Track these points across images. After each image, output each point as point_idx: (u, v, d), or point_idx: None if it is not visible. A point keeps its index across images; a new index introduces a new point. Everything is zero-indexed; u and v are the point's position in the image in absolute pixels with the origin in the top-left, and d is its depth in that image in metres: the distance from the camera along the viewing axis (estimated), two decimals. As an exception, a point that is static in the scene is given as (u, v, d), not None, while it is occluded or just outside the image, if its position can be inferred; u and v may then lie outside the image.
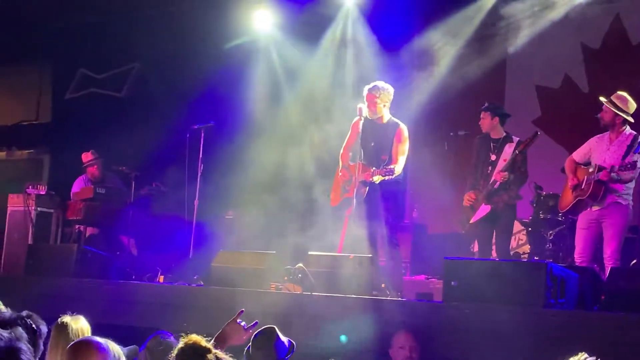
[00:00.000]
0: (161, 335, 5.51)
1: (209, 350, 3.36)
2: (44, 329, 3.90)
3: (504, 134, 8.71)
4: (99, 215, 10.84)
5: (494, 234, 8.74)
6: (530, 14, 10.52)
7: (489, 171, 8.61)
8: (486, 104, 8.86)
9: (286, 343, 4.57)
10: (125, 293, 8.41)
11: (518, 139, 8.62)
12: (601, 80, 10.56)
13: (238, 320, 4.23)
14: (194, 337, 3.42)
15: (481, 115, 8.79)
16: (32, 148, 15.06)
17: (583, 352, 3.43)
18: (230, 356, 3.55)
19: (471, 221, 8.67)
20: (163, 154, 11.68)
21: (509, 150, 8.53)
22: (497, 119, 8.70)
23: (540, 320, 6.08)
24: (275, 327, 4.65)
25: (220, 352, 3.41)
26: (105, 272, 9.24)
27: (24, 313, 4.00)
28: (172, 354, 3.61)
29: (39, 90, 15.07)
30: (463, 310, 6.36)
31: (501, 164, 8.51)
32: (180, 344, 3.43)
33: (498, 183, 8.45)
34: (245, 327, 4.23)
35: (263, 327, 4.53)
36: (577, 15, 10.26)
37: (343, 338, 5.34)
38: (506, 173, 8.39)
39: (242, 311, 4.28)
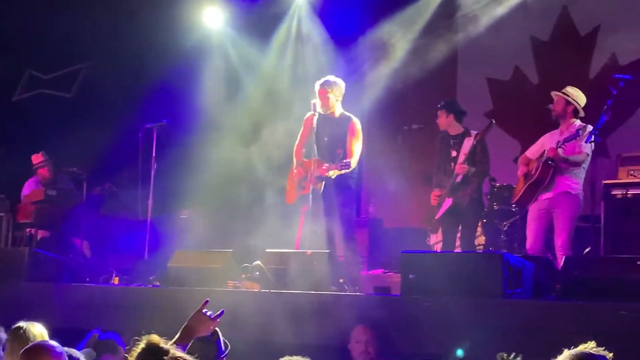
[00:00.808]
0: (99, 334, 5.49)
1: (166, 352, 3.31)
2: (2, 335, 3.82)
3: (462, 129, 8.81)
4: (50, 218, 10.69)
5: (460, 228, 8.81)
6: (481, 7, 10.60)
7: (451, 167, 8.70)
8: (442, 102, 8.95)
9: (223, 345, 4.48)
10: (80, 296, 8.29)
11: (476, 132, 8.70)
12: (551, 71, 10.70)
13: (204, 311, 4.16)
14: (153, 338, 3.36)
15: (438, 114, 8.86)
16: (-21, 151, 14.79)
17: (592, 342, 3.42)
18: (192, 356, 3.49)
19: (436, 217, 8.73)
20: (115, 154, 11.56)
21: (468, 144, 8.62)
22: (452, 115, 8.79)
23: (498, 311, 6.12)
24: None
25: (179, 352, 3.36)
26: (59, 275, 9.10)
27: None
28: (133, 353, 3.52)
29: (-16, 93, 14.80)
30: (421, 303, 6.39)
31: (462, 158, 8.58)
32: (140, 346, 3.37)
33: (460, 176, 8.52)
34: (212, 317, 4.16)
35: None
36: (527, 8, 10.36)
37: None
38: (466, 165, 8.47)
39: (207, 301, 4.21)
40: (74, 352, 4.19)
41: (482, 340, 5.95)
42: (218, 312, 4.20)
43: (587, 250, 8.43)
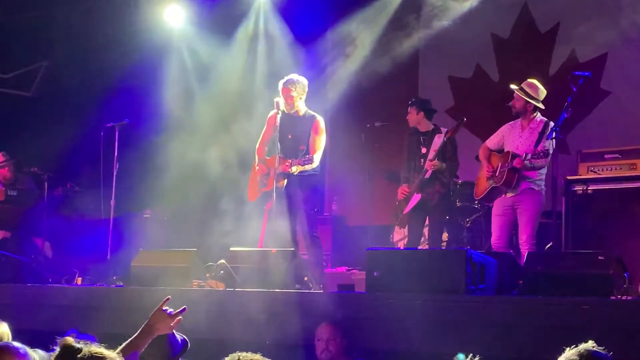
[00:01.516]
0: (76, 335, 5.42)
1: (79, 350, 3.30)
2: None
3: (432, 126, 8.92)
4: (11, 218, 10.59)
5: (428, 224, 8.88)
6: (442, 5, 10.66)
7: (421, 163, 8.77)
8: (412, 99, 9.05)
9: (179, 340, 4.43)
10: (42, 297, 8.21)
11: (446, 129, 8.78)
12: (511, 69, 10.77)
13: (164, 308, 4.11)
14: (67, 340, 3.35)
15: (408, 110, 8.95)
16: (-63, 151, 14.56)
17: (592, 341, 3.44)
18: (104, 346, 3.45)
19: (404, 212, 8.79)
20: (77, 153, 11.47)
21: (438, 141, 8.71)
22: (422, 113, 8.90)
23: (462, 307, 6.17)
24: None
25: (94, 348, 3.34)
26: (20, 276, 9.00)
27: None
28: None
29: (-58, 92, 14.58)
30: (386, 300, 6.41)
31: (432, 154, 8.66)
32: (58, 349, 3.36)
33: (429, 172, 8.60)
34: (171, 314, 4.11)
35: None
36: (487, 6, 10.44)
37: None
38: (436, 161, 8.54)
39: (169, 298, 4.16)
40: (41, 353, 4.16)
41: (448, 335, 6.00)
42: (179, 309, 4.15)
43: (549, 245, 8.52)
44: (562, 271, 6.47)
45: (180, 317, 4.14)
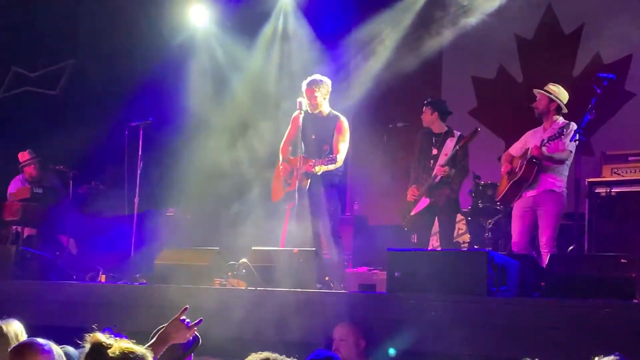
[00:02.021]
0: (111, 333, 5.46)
1: (109, 346, 3.33)
2: None
3: (446, 128, 8.88)
4: (36, 216, 10.69)
5: (438, 227, 8.88)
6: (466, 6, 10.65)
7: (430, 165, 8.76)
8: (428, 99, 9.01)
9: (194, 332, 4.47)
10: (66, 294, 8.28)
11: (459, 133, 8.77)
12: (535, 70, 10.75)
13: (181, 318, 4.17)
14: (96, 337, 3.37)
15: (423, 109, 8.93)
16: (-35, 149, 14.73)
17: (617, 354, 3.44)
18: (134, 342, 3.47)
19: (411, 213, 8.79)
20: (101, 152, 11.56)
21: (450, 145, 8.69)
22: (436, 114, 8.85)
23: (483, 309, 6.16)
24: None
25: (125, 343, 3.36)
26: (46, 273, 9.10)
27: None
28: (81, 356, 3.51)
29: (-31, 91, 14.74)
30: (407, 300, 6.41)
31: (442, 158, 8.65)
32: (87, 345, 3.38)
33: (439, 177, 8.57)
34: (189, 325, 4.17)
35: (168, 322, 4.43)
36: (511, 7, 10.41)
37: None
38: (447, 167, 8.52)
39: (187, 308, 4.22)
40: (69, 349, 4.21)
41: (468, 337, 6.00)
42: (196, 321, 4.21)
43: (571, 248, 8.50)
44: (584, 274, 6.43)
45: (195, 328, 4.19)
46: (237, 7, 11.44)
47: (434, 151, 8.80)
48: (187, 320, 4.19)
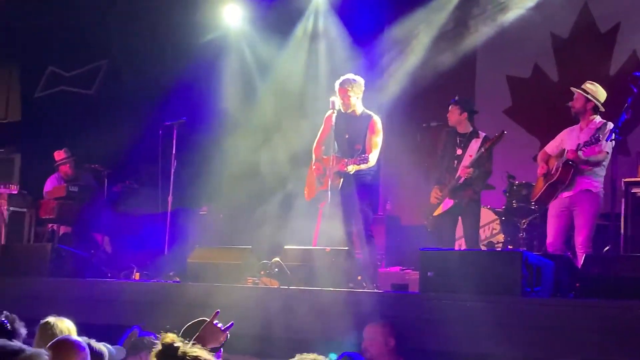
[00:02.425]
0: (138, 332, 5.51)
1: (178, 348, 3.35)
2: (22, 330, 3.85)
3: (471, 128, 8.81)
4: (72, 214, 10.78)
5: (462, 228, 8.82)
6: (502, 4, 10.59)
7: (454, 165, 8.70)
8: (456, 98, 8.92)
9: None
10: (100, 291, 8.35)
11: (484, 134, 8.71)
12: (570, 69, 10.66)
13: (214, 322, 4.19)
14: (168, 337, 3.40)
15: (450, 109, 8.85)
16: (2, 147, 14.88)
17: None
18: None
19: (435, 214, 8.74)
20: (135, 151, 11.64)
21: (474, 146, 8.63)
22: (465, 114, 8.78)
23: (517, 309, 6.12)
24: (206, 319, 4.57)
25: (191, 347, 3.39)
26: (80, 270, 9.18)
27: (3, 315, 3.95)
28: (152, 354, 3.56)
29: (7, 89, 14.91)
30: (440, 300, 6.38)
31: (467, 159, 8.59)
32: (159, 345, 3.41)
33: (462, 179, 8.52)
34: (222, 329, 4.19)
35: (196, 320, 4.46)
36: (547, 5, 10.33)
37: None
38: (471, 169, 8.46)
39: (218, 312, 4.24)
40: (99, 346, 4.25)
41: (502, 337, 5.96)
42: (228, 324, 4.23)
43: (607, 248, 8.41)
44: (620, 274, 6.37)
45: (228, 332, 4.21)
46: (270, 7, 11.46)
47: (459, 151, 8.74)
48: (220, 323, 4.21)
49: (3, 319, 3.87)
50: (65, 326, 4.66)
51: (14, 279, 8.95)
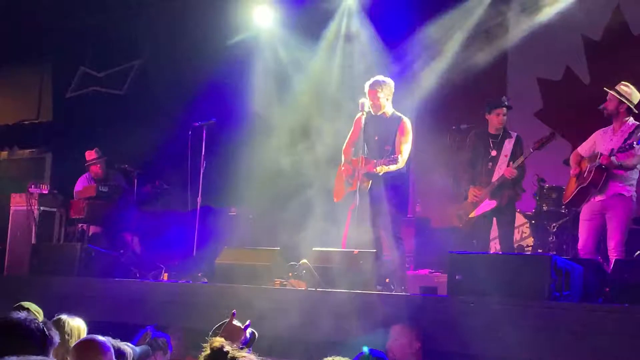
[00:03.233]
0: (152, 332, 5.55)
1: (227, 353, 3.38)
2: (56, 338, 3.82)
3: (502, 129, 8.77)
4: (102, 214, 10.84)
5: (497, 229, 8.78)
6: (531, 6, 10.52)
7: (489, 167, 8.66)
8: (505, 102, 8.88)
9: (247, 334, 4.54)
10: (129, 291, 8.41)
11: (516, 134, 8.68)
12: (602, 71, 10.54)
13: (234, 322, 4.22)
14: (216, 342, 3.43)
15: (496, 111, 8.77)
16: (33, 147, 15.06)
17: None
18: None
19: (471, 215, 8.70)
20: (165, 151, 11.69)
21: (508, 146, 8.63)
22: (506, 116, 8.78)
23: (545, 313, 6.07)
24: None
25: (238, 351, 3.41)
26: (110, 270, 9.26)
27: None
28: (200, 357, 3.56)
29: (39, 89, 15.07)
30: (468, 304, 6.35)
31: (502, 160, 8.56)
32: (207, 349, 3.44)
33: (508, 179, 8.50)
34: (242, 327, 4.22)
35: (224, 321, 4.49)
36: (578, 7, 10.25)
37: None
38: (515, 170, 8.46)
39: (235, 313, 4.27)
40: (123, 346, 4.27)
41: (529, 341, 5.92)
42: (246, 323, 4.26)
43: (638, 253, 8.32)
44: (650, 279, 6.31)
45: (247, 330, 4.24)
46: (301, 8, 11.46)
47: (493, 153, 8.72)
48: (238, 323, 4.24)
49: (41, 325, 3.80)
50: (76, 324, 4.69)
51: (44, 278, 9.05)
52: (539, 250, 9.34)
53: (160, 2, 12.79)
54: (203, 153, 9.93)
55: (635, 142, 7.71)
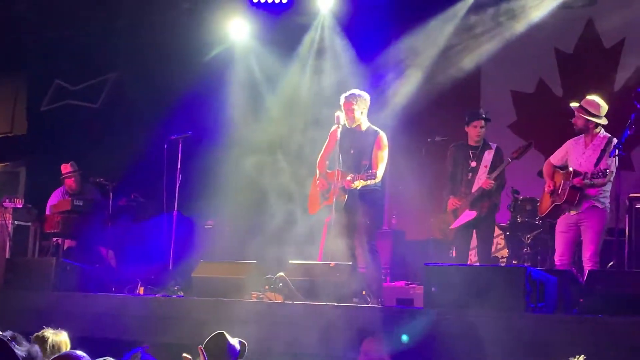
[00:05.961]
0: (142, 354, 5.52)
1: None
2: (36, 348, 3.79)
3: (482, 141, 8.85)
4: (76, 228, 10.77)
5: (475, 239, 8.84)
6: (504, 20, 10.62)
7: (469, 177, 8.74)
8: (483, 114, 8.96)
9: (237, 345, 4.57)
10: (105, 305, 8.37)
11: (496, 145, 8.76)
12: (575, 84, 10.65)
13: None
14: None
15: (474, 124, 8.86)
16: (7, 161, 14.94)
17: (582, 355, 3.45)
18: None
19: (452, 227, 8.75)
20: (141, 164, 11.66)
21: (488, 157, 8.71)
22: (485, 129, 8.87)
23: (521, 325, 6.12)
24: (223, 331, 4.63)
25: None
26: (85, 284, 9.20)
27: (8, 333, 3.91)
28: None
29: (13, 102, 14.96)
30: (444, 315, 6.39)
31: (482, 170, 8.64)
32: None
33: (485, 189, 8.57)
34: None
35: (212, 334, 4.51)
36: (551, 21, 10.35)
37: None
38: (493, 181, 8.53)
39: (202, 348, 4.30)
40: None
41: (505, 353, 5.96)
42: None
43: (611, 264, 8.40)
44: (623, 290, 6.37)
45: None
46: (276, 21, 11.49)
47: (473, 164, 8.80)
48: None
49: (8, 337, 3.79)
50: (61, 339, 4.67)
51: (19, 292, 8.97)
52: (514, 262, 9.40)
53: (135, 15, 12.76)
54: (179, 166, 9.90)
55: (608, 170, 7.78)
